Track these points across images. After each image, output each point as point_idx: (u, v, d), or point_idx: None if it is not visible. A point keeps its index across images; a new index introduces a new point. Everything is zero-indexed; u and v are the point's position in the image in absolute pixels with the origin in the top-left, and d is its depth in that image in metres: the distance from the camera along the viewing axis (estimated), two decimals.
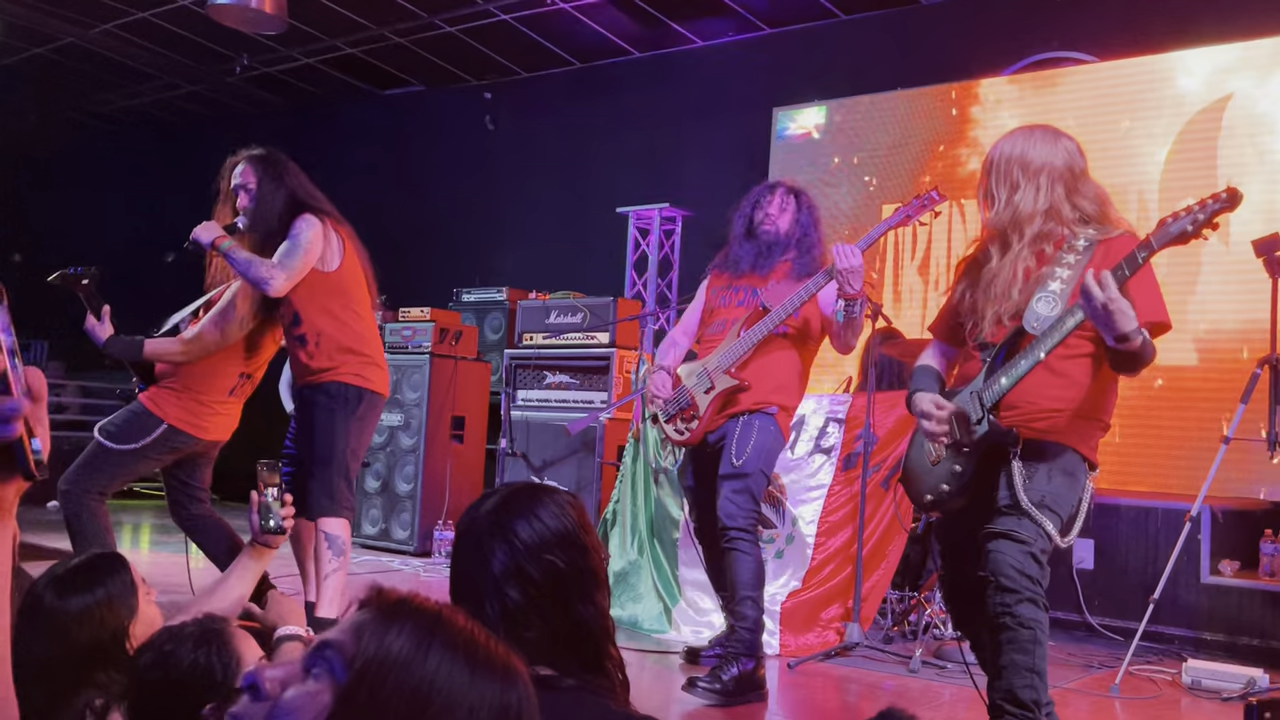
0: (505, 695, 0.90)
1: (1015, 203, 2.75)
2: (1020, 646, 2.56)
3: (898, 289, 7.01)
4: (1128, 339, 2.45)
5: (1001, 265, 2.74)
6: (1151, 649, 4.95)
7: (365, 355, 3.82)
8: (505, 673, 0.92)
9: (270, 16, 7.13)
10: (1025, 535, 2.61)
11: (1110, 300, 2.40)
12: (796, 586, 4.75)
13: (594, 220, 8.69)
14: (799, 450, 4.97)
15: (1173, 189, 6.01)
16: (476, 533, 1.52)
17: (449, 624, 0.91)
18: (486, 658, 0.91)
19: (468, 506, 1.61)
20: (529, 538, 1.50)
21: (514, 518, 1.52)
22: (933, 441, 2.80)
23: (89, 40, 9.49)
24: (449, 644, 0.88)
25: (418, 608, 0.91)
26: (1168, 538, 5.18)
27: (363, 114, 10.58)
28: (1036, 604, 2.58)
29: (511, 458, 6.75)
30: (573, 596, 1.49)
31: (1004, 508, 2.65)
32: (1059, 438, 2.70)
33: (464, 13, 8.38)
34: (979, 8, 7.27)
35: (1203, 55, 6.10)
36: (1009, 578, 2.58)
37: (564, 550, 1.50)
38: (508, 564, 1.48)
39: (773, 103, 7.81)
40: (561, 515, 1.53)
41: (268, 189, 3.80)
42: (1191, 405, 5.74)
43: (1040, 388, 2.69)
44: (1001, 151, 2.83)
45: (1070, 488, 2.70)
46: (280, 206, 3.78)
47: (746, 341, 3.88)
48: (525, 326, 7.14)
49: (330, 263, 3.79)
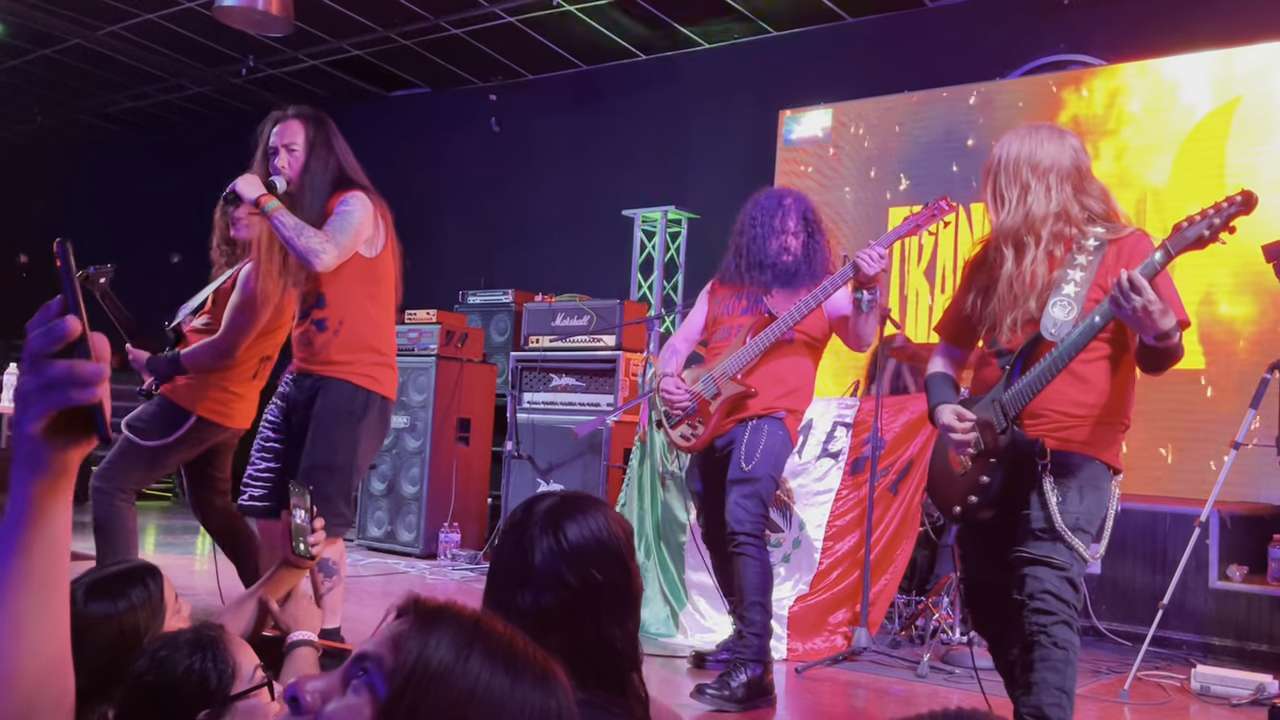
0: (546, 701, 0.89)
1: (1028, 204, 2.72)
2: (1053, 666, 2.56)
3: (903, 292, 7.00)
4: (1168, 337, 2.44)
5: (1020, 270, 2.71)
6: (1160, 654, 4.93)
7: (382, 354, 3.54)
8: (545, 679, 0.91)
9: (276, 18, 7.13)
10: (1061, 561, 2.61)
11: (1150, 301, 2.38)
12: (804, 591, 4.74)
13: (599, 223, 8.69)
14: (806, 454, 4.96)
15: (1181, 193, 5.99)
16: (527, 526, 1.53)
17: (488, 632, 0.90)
18: (527, 664, 0.90)
19: (525, 500, 1.61)
20: (576, 541, 1.50)
21: (566, 520, 1.52)
22: (960, 453, 2.77)
23: (95, 42, 9.50)
24: (489, 652, 0.88)
25: (455, 616, 0.90)
26: (1176, 542, 5.16)
27: (368, 115, 10.57)
28: (1070, 626, 2.60)
29: (517, 460, 6.74)
30: (604, 614, 1.48)
31: (1039, 531, 2.63)
32: (1085, 449, 2.69)
33: (469, 15, 8.38)
34: (986, 10, 7.25)
35: (1211, 58, 6.09)
36: (1045, 601, 2.59)
37: (605, 566, 1.50)
38: (549, 564, 1.49)
39: (779, 105, 7.80)
40: (611, 532, 1.53)
41: (319, 155, 3.47)
42: (1201, 409, 5.72)
43: (1063, 394, 2.67)
44: (1009, 151, 2.80)
45: (1099, 503, 2.70)
46: (329, 177, 3.46)
47: (753, 348, 3.86)
48: (531, 329, 7.14)
49: (374, 247, 3.50)
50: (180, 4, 8.56)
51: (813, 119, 7.64)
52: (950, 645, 4.60)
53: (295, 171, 3.46)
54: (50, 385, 0.93)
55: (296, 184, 3.45)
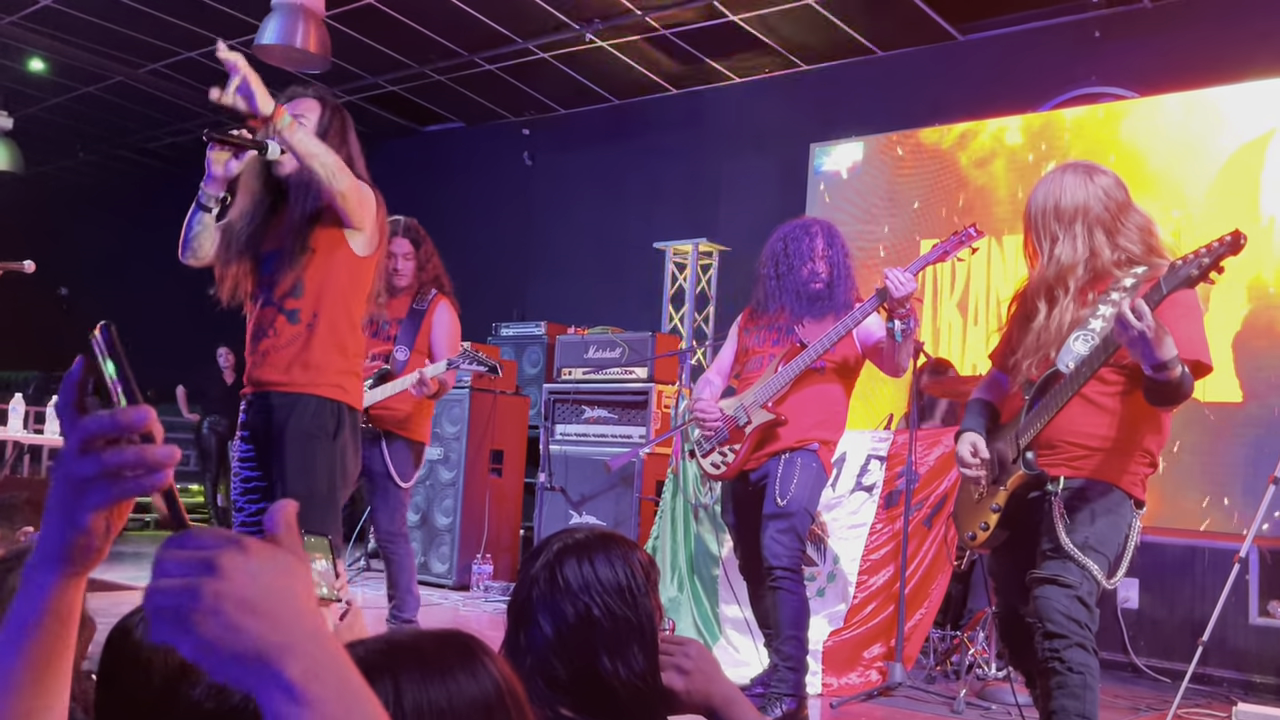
0: (483, 684, 0.90)
1: (1056, 256, 2.74)
2: (1070, 692, 2.53)
3: (936, 324, 6.99)
4: (1166, 368, 2.43)
5: (1048, 322, 2.73)
6: (1200, 691, 4.87)
7: (350, 361, 3.17)
8: (469, 663, 0.91)
9: (314, 56, 7.27)
10: (1070, 579, 2.59)
11: (1148, 328, 2.38)
12: (839, 625, 4.72)
13: (631, 256, 8.74)
14: (840, 487, 4.96)
15: (1215, 225, 5.96)
16: (540, 560, 1.56)
17: (400, 652, 0.90)
18: (447, 661, 0.90)
19: (552, 534, 1.65)
20: (574, 579, 1.52)
21: (569, 557, 1.55)
22: (973, 485, 2.85)
23: (138, 79, 9.70)
24: (414, 677, 0.88)
25: (368, 662, 0.87)
26: (1215, 578, 5.10)
27: (403, 150, 10.71)
28: (1086, 648, 2.56)
29: (550, 492, 6.76)
30: (600, 648, 1.49)
31: (1047, 551, 2.64)
32: (1101, 475, 2.69)
33: (503, 51, 8.49)
34: (1017, 43, 7.28)
35: (1244, 90, 6.07)
36: (1056, 623, 2.56)
37: (605, 600, 1.51)
38: (546, 597, 1.52)
39: (810, 138, 7.84)
40: (618, 567, 1.54)
41: (332, 141, 3.08)
42: (1239, 444, 5.67)
43: (1079, 424, 2.68)
44: (1035, 203, 2.82)
45: (1114, 527, 2.67)
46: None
47: (784, 376, 3.88)
48: (564, 361, 7.18)
49: (368, 247, 3.15)
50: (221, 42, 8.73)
51: (844, 152, 7.67)
52: (986, 680, 4.56)
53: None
54: (116, 472, 0.81)
55: (297, 163, 3.00)
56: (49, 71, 9.71)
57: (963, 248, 3.77)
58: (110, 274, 13.03)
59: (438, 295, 4.73)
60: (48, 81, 9.96)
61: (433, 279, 4.75)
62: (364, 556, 7.61)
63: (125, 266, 12.76)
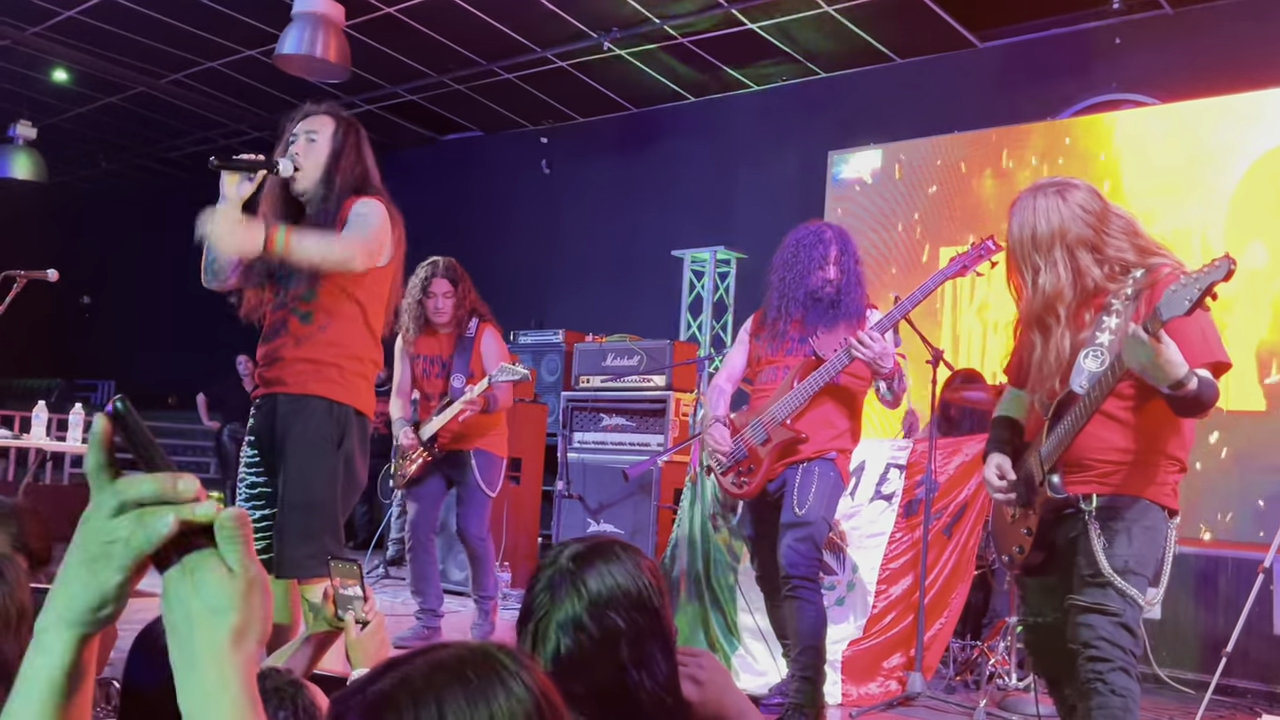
0: (498, 698, 0.89)
1: (1041, 286, 2.67)
2: (1110, 714, 2.52)
3: (955, 332, 6.96)
4: (1181, 385, 2.41)
5: (1045, 354, 2.70)
6: (1224, 703, 4.82)
7: (363, 365, 3.17)
8: (486, 679, 0.91)
9: (333, 65, 7.32)
10: (1114, 608, 2.57)
11: (1157, 352, 2.36)
12: (858, 635, 4.70)
13: (649, 263, 8.75)
14: (859, 496, 4.93)
15: (1239, 233, 5.91)
16: (551, 573, 1.54)
17: (415, 677, 0.89)
18: (468, 676, 0.90)
19: (553, 546, 1.62)
20: (597, 590, 1.50)
21: (588, 567, 1.53)
22: (1005, 507, 2.82)
23: (159, 89, 9.78)
24: (433, 698, 0.87)
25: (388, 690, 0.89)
26: (1239, 589, 5.05)
27: (422, 158, 10.76)
28: (1129, 673, 2.55)
29: (568, 500, 6.76)
30: (628, 659, 1.48)
31: (1087, 578, 2.61)
32: (1131, 489, 2.66)
33: (521, 60, 8.52)
34: (1036, 50, 7.25)
35: (1266, 97, 6.03)
36: (1100, 649, 2.55)
37: (627, 610, 1.50)
38: (570, 611, 1.49)
39: (828, 146, 7.83)
40: (636, 576, 1.53)
41: (348, 155, 3.13)
42: (1262, 453, 5.62)
43: (1103, 440, 2.65)
44: (1012, 235, 2.74)
45: (1152, 545, 2.65)
46: (352, 180, 3.14)
47: (802, 394, 3.85)
48: (581, 369, 7.18)
49: (381, 257, 3.13)
50: (241, 52, 8.81)
51: (862, 159, 7.65)
52: (1007, 690, 4.52)
53: (310, 160, 3.10)
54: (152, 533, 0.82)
55: (321, 174, 3.10)
56: (72, 82, 9.80)
57: (982, 261, 3.75)
58: (132, 283, 13.14)
59: (481, 323, 5.17)
60: (70, 92, 10.06)
61: (470, 311, 5.16)
62: (383, 564, 7.62)
63: (146, 276, 12.85)
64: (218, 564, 0.80)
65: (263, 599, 0.82)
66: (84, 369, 13.57)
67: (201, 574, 0.80)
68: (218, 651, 0.78)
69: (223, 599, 0.79)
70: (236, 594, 0.80)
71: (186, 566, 0.80)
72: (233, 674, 0.78)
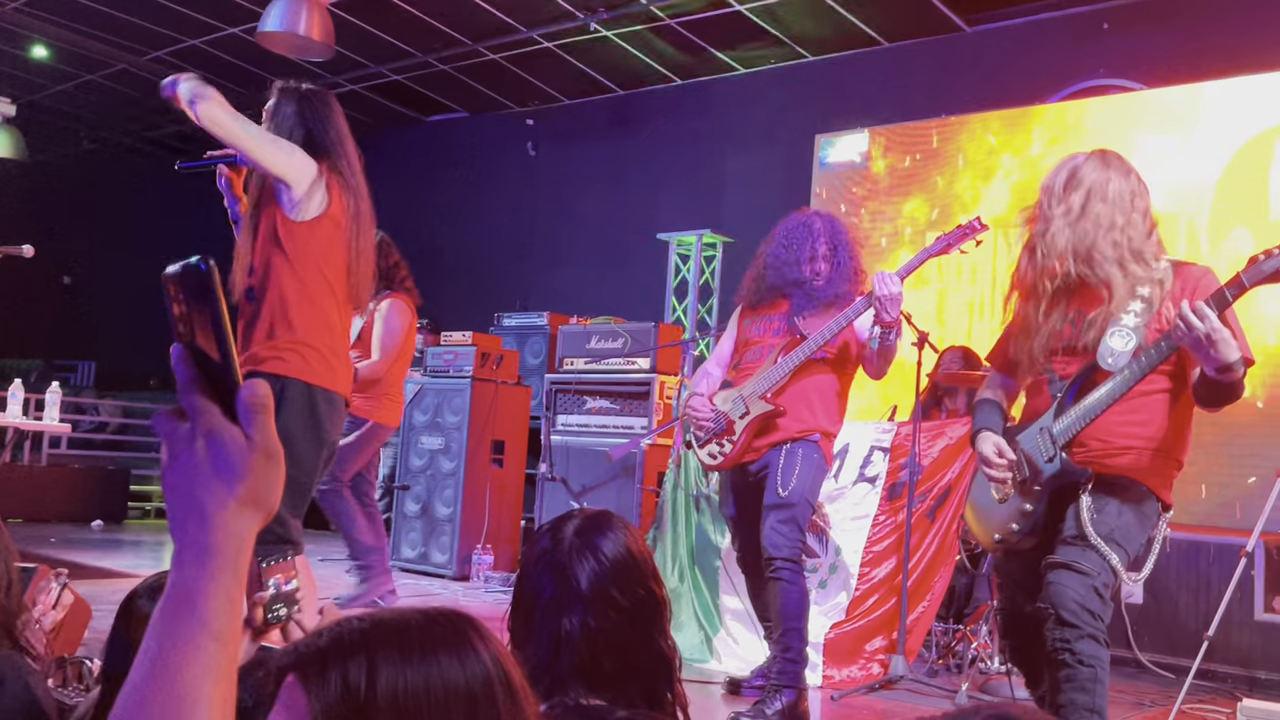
0: (471, 669, 0.86)
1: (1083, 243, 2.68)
2: (1080, 685, 2.49)
3: (943, 316, 6.95)
4: (1231, 369, 2.40)
5: (1049, 321, 2.70)
6: (1205, 687, 4.83)
7: (302, 334, 3.08)
8: (459, 647, 0.87)
9: (317, 43, 7.23)
10: (1088, 567, 2.54)
11: (1214, 330, 2.35)
12: (840, 617, 4.69)
13: (634, 246, 8.72)
14: (843, 479, 4.92)
15: (1225, 220, 5.91)
16: (560, 550, 1.49)
17: (379, 633, 0.86)
18: (434, 644, 0.86)
19: (541, 530, 1.58)
20: (616, 559, 1.47)
21: (599, 538, 1.49)
22: (997, 485, 2.75)
23: (141, 67, 9.67)
24: (392, 657, 0.83)
25: (339, 645, 0.85)
26: (1220, 573, 5.07)
27: (406, 140, 10.68)
28: (1097, 640, 2.51)
29: (551, 483, 6.74)
30: (654, 628, 1.46)
31: (1069, 538, 2.59)
32: (1132, 473, 2.64)
33: (507, 40, 8.45)
34: (1024, 35, 7.23)
35: (1253, 82, 6.02)
36: (1070, 611, 2.51)
37: (644, 579, 1.48)
38: (597, 586, 1.45)
39: (815, 129, 7.80)
40: (638, 545, 1.51)
41: (282, 115, 3.24)
42: (1245, 438, 5.63)
43: (1115, 424, 2.63)
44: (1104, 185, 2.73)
45: (1140, 524, 2.63)
46: (291, 138, 3.17)
47: (783, 367, 3.84)
48: (566, 352, 7.15)
49: (303, 209, 3.09)
50: (224, 30, 8.71)
51: (848, 143, 7.62)
52: (989, 675, 4.53)
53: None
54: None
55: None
56: (52, 59, 9.69)
57: (966, 240, 3.75)
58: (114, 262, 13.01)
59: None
60: (51, 69, 9.94)
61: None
62: None
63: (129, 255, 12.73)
64: (235, 432, 0.79)
65: (276, 472, 0.81)
66: (64, 350, 13.46)
67: (216, 437, 0.79)
68: (224, 514, 0.78)
69: (234, 464, 0.79)
70: (251, 461, 0.79)
71: (200, 429, 0.79)
72: (232, 539, 0.78)
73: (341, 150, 3.26)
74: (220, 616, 0.75)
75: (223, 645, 0.75)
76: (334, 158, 3.22)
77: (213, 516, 0.77)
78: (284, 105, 3.27)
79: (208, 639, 0.74)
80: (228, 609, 0.76)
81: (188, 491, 0.78)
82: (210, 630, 0.75)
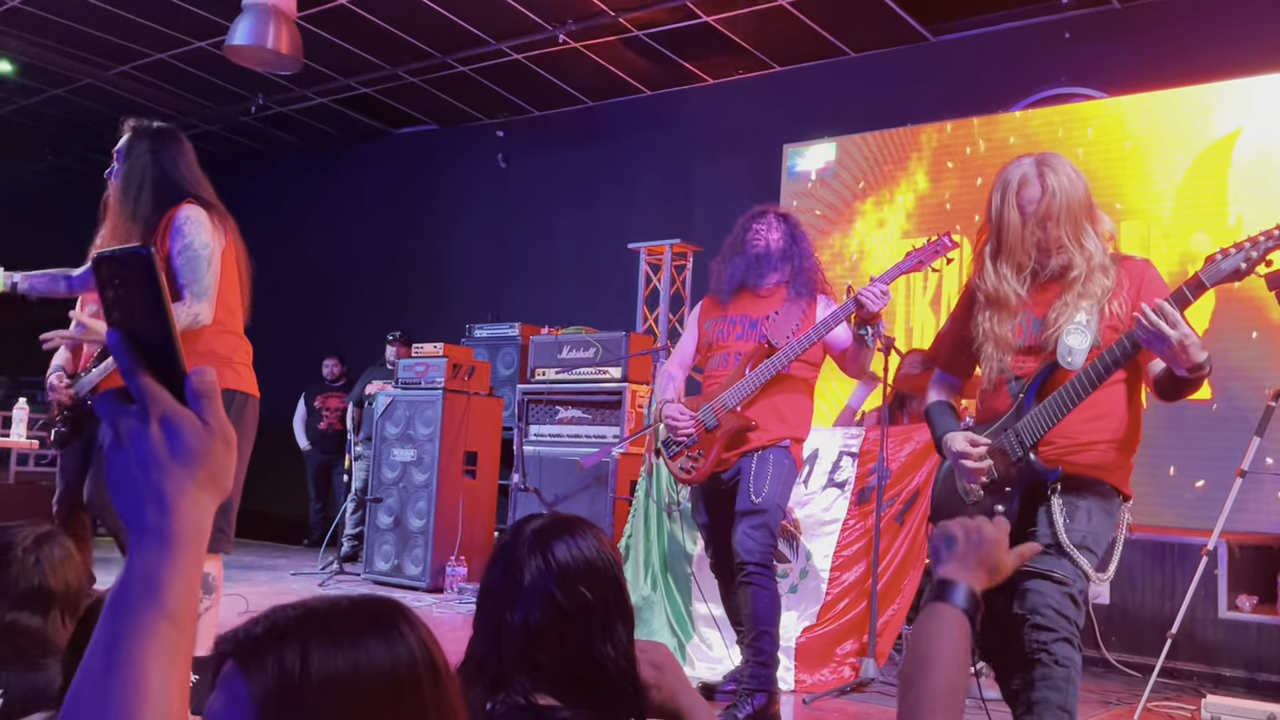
0: (396, 650, 0.90)
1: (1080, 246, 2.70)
2: (1054, 684, 2.54)
3: (910, 323, 7.02)
4: (1200, 368, 2.44)
5: (1003, 325, 2.72)
6: (1170, 685, 4.90)
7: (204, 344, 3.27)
8: (385, 629, 0.91)
9: (285, 57, 7.22)
10: (1064, 576, 2.58)
11: (1185, 336, 2.38)
12: (811, 622, 4.73)
13: (605, 256, 8.75)
14: (812, 484, 4.96)
15: (1185, 224, 6.02)
16: (516, 546, 1.55)
17: (311, 620, 0.89)
18: (361, 627, 0.90)
19: (515, 522, 1.63)
20: (564, 560, 1.51)
21: (554, 540, 1.54)
22: (973, 481, 2.76)
23: (107, 81, 9.62)
24: (323, 643, 0.87)
25: (273, 631, 0.88)
26: (1184, 572, 5.14)
27: (376, 152, 10.68)
28: (1072, 644, 2.57)
29: (524, 493, 6.75)
30: (594, 631, 1.49)
31: (1045, 546, 2.61)
32: (1096, 472, 2.68)
33: (476, 52, 8.47)
34: (988, 44, 7.33)
35: (1211, 90, 6.13)
36: (1046, 617, 2.56)
37: (594, 583, 1.51)
38: (538, 583, 1.50)
39: (783, 139, 7.86)
40: (599, 549, 1.55)
41: (135, 154, 3.39)
42: (1206, 438, 5.72)
43: (1076, 421, 2.65)
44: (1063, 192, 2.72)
45: (1107, 525, 2.68)
46: (149, 180, 3.34)
47: (754, 381, 3.86)
48: (537, 362, 7.16)
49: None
50: (191, 44, 8.68)
51: (816, 152, 7.70)
52: None
53: (117, 180, 3.41)
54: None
55: (120, 189, 3.40)
56: (17, 73, 9.61)
57: (938, 257, 3.76)
58: None
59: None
60: (15, 84, 9.87)
61: None
62: (337, 560, 7.57)
63: None
64: (191, 417, 0.80)
65: (231, 456, 0.82)
66: (31, 366, 13.33)
67: (172, 422, 0.79)
68: (184, 500, 0.79)
69: (193, 449, 0.80)
70: (210, 446, 0.80)
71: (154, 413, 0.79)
72: (192, 524, 0.79)
73: (199, 182, 3.42)
74: (180, 602, 0.77)
75: (181, 630, 0.77)
76: (196, 191, 3.37)
77: (174, 503, 0.78)
78: (137, 144, 3.40)
79: (168, 625, 0.76)
80: (186, 594, 0.78)
81: (143, 476, 0.78)
82: (170, 616, 0.76)
